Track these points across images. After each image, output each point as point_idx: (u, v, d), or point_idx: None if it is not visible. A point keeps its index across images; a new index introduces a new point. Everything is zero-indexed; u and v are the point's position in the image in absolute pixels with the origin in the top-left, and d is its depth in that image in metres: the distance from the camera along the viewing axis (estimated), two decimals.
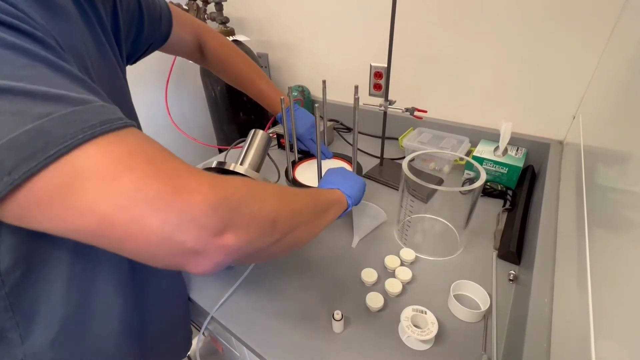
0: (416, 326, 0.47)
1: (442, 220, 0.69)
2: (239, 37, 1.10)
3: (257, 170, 0.66)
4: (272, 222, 0.32)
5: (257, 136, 0.68)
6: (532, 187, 0.75)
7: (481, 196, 0.76)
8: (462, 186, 0.77)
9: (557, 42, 0.72)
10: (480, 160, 0.77)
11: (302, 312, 0.53)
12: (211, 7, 1.09)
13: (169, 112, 1.04)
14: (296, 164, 0.85)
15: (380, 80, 0.74)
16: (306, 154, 0.88)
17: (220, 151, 1.22)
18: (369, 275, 0.57)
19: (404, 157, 0.80)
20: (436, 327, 0.47)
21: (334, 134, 1.09)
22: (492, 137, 0.83)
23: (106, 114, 0.24)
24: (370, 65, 0.74)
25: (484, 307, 0.50)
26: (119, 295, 0.41)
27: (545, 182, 0.64)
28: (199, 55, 0.72)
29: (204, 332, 0.58)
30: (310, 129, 0.80)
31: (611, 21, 0.64)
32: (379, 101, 0.77)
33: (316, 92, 1.20)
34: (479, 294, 0.53)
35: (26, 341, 0.34)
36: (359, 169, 0.80)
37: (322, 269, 0.61)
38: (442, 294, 0.54)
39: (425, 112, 0.75)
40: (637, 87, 0.37)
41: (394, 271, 0.58)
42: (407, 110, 0.76)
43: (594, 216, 0.37)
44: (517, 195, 0.73)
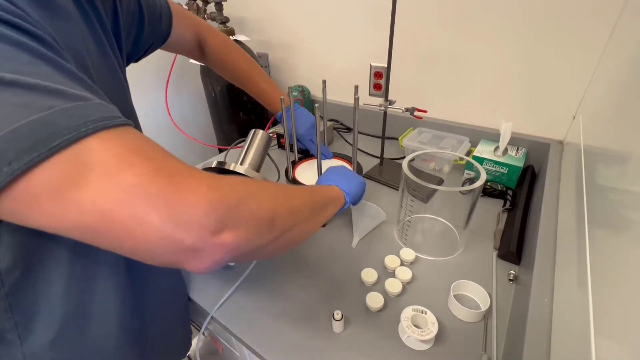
0: (416, 326, 0.47)
1: (442, 220, 0.69)
2: (239, 37, 1.10)
3: (257, 170, 0.66)
4: (271, 221, 0.32)
5: (257, 136, 0.68)
6: (532, 187, 0.75)
7: (481, 196, 0.76)
8: (462, 186, 0.77)
9: (557, 42, 0.72)
10: (480, 160, 0.77)
11: (302, 312, 0.53)
12: (211, 7, 1.09)
13: (169, 112, 1.04)
14: (296, 164, 0.85)
15: (380, 80, 0.74)
16: (306, 154, 0.88)
17: (220, 151, 1.22)
18: (369, 275, 0.57)
19: (404, 157, 0.80)
20: (436, 327, 0.47)
21: (334, 134, 1.09)
22: (492, 137, 0.83)
23: (105, 111, 0.24)
24: (370, 65, 0.74)
25: (484, 307, 0.50)
26: (118, 295, 0.41)
27: (545, 182, 0.64)
28: (200, 53, 0.72)
29: (204, 332, 0.58)
30: (310, 129, 0.80)
31: (611, 21, 0.64)
32: (379, 101, 0.77)
33: (316, 92, 1.20)
34: (479, 294, 0.53)
35: (25, 341, 0.34)
36: (359, 169, 0.80)
37: (322, 268, 0.61)
38: (442, 294, 0.54)
39: (425, 112, 0.75)
40: (637, 87, 0.37)
41: (394, 271, 0.58)
42: (407, 110, 0.76)
43: (594, 216, 0.37)
44: (517, 195, 0.73)
